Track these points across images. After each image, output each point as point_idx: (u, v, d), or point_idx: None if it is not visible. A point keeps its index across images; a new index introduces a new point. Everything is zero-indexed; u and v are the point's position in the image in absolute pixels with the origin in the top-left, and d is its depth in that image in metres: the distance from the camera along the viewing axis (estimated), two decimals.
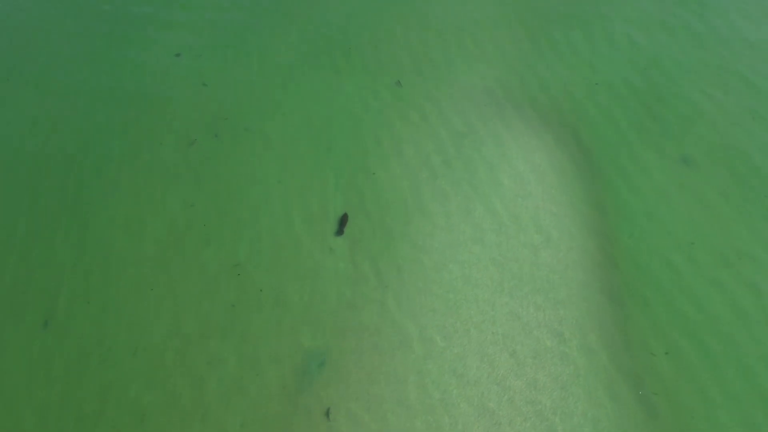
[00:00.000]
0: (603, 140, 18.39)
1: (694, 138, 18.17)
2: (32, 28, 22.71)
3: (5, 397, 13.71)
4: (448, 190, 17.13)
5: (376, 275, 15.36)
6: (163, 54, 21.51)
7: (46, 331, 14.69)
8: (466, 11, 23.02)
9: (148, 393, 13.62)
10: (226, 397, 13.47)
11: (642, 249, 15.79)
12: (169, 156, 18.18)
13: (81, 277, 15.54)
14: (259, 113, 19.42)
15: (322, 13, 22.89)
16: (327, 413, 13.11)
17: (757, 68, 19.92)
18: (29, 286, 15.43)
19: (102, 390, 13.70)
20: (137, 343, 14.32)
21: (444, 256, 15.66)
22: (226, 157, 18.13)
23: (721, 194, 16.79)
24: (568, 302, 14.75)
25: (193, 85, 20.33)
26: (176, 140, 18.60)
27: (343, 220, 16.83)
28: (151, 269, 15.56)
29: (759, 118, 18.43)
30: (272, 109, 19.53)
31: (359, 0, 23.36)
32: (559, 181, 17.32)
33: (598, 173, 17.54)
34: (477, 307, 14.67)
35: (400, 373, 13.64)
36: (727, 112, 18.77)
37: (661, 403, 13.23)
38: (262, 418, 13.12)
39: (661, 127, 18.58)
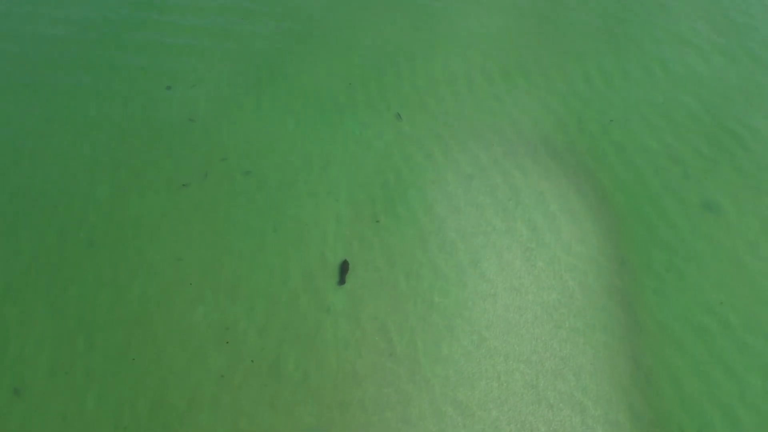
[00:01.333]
0: (622, 184, 17.23)
1: (718, 182, 17.03)
2: (12, 54, 21.42)
3: None
4: (457, 241, 15.92)
5: (382, 338, 14.11)
6: (153, 86, 20.24)
7: (19, 401, 13.36)
8: (475, 43, 21.87)
9: None
10: None
11: (667, 308, 14.60)
12: (157, 201, 16.90)
13: (60, 342, 14.22)
14: (253, 153, 18.18)
15: (320, 44, 21.69)
16: None
17: None
18: (1, 350, 14.10)
19: None
20: (120, 416, 13.00)
21: (456, 315, 14.43)
22: (218, 202, 16.86)
23: (750, 246, 15.63)
24: (591, 370, 13.53)
25: (184, 120, 19.07)
26: (166, 182, 17.32)
27: (343, 268, 15.63)
28: (136, 333, 14.25)
29: None
30: (268, 149, 18.28)
31: (360, 32, 22.17)
32: (577, 231, 16.13)
33: (618, 220, 16.37)
34: (495, 376, 13.42)
35: None
36: (755, 153, 17.65)
37: None
38: None
39: (682, 169, 17.45)
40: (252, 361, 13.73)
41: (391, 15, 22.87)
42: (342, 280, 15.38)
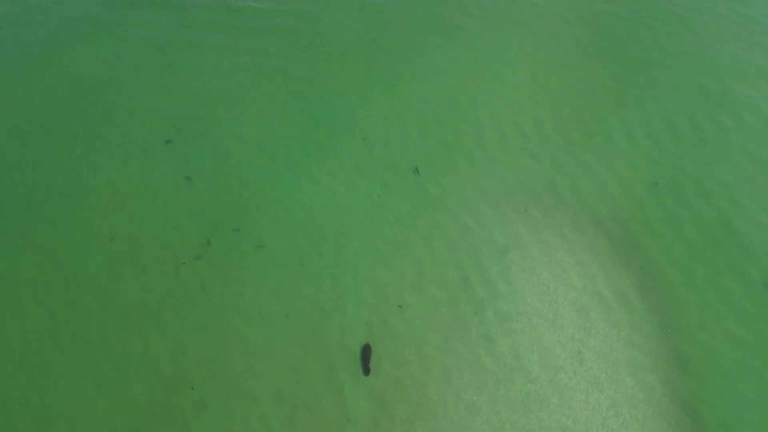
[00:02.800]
0: (674, 258, 15.44)
1: None
2: None
3: None
4: (493, 330, 14.08)
5: None
6: (151, 140, 18.45)
7: None
8: (501, 89, 20.14)
9: None
10: None
11: (736, 410, 12.75)
12: (155, 281, 15.05)
13: None
14: (262, 221, 16.37)
15: (329, 95, 19.94)
16: None
17: None
18: None
19: None
20: None
21: (505, 422, 12.56)
22: (222, 283, 15.03)
23: None
24: None
25: (185, 181, 17.27)
26: (163, 258, 15.48)
27: (366, 354, 13.82)
28: None
29: None
30: (278, 216, 16.47)
31: (373, 78, 20.44)
32: (629, 316, 14.33)
33: (674, 302, 14.56)
34: None
35: None
36: None
37: None
38: None
39: (738, 240, 15.66)
40: None
41: (411, 61, 21.19)
42: (366, 370, 13.59)
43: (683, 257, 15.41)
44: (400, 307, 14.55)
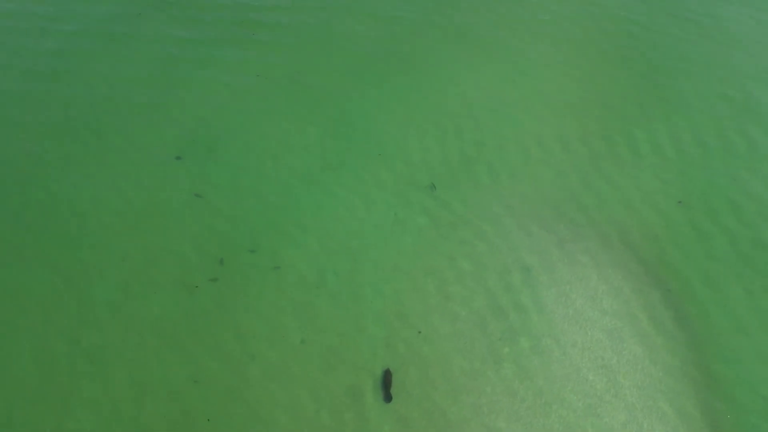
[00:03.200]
0: (707, 277, 14.75)
1: None
2: (11, 125, 19.19)
3: None
4: (523, 356, 13.42)
5: None
6: (161, 156, 17.93)
7: None
8: (522, 100, 19.55)
9: None
10: None
11: None
12: (170, 303, 14.47)
13: None
14: (277, 240, 15.79)
15: (344, 108, 19.40)
16: None
17: None
18: None
19: None
20: None
21: None
22: (238, 306, 14.44)
23: None
24: None
25: (195, 199, 16.72)
26: (178, 279, 14.91)
27: (386, 381, 13.17)
28: None
29: None
30: (292, 236, 15.89)
31: (388, 89, 19.88)
32: (664, 340, 13.64)
33: (708, 325, 13.88)
34: None
35: None
36: None
37: None
38: None
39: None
40: None
41: (427, 71, 20.64)
42: (387, 396, 12.95)
43: (715, 277, 14.75)
44: (419, 332, 13.92)
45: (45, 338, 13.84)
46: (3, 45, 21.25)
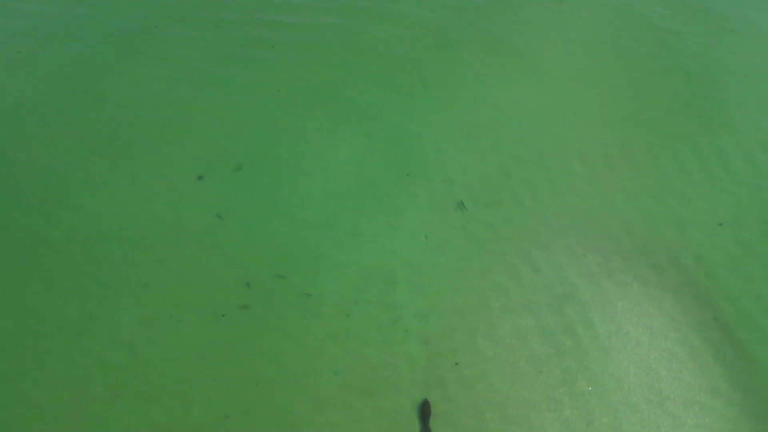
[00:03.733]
0: (744, 310, 14.20)
1: None
2: (39, 129, 18.81)
3: None
4: (559, 388, 12.96)
5: None
6: (182, 175, 17.49)
7: None
8: (560, 113, 18.90)
9: None
10: None
11: None
12: (193, 334, 14.11)
13: None
14: (303, 266, 15.35)
15: (370, 122, 18.83)
16: None
17: None
18: None
19: None
20: None
21: None
22: (265, 337, 14.05)
23: None
24: None
25: (218, 221, 16.29)
26: (201, 308, 14.54)
27: (425, 412, 12.80)
28: None
29: None
30: (319, 261, 15.45)
31: (417, 101, 19.29)
32: (702, 375, 13.12)
33: (750, 362, 13.34)
34: None
35: None
36: None
37: None
38: None
39: None
40: None
41: (458, 82, 20.02)
42: (426, 430, 12.58)
43: (754, 308, 14.18)
44: (456, 364, 13.47)
45: (61, 374, 13.52)
46: (22, 59, 20.83)
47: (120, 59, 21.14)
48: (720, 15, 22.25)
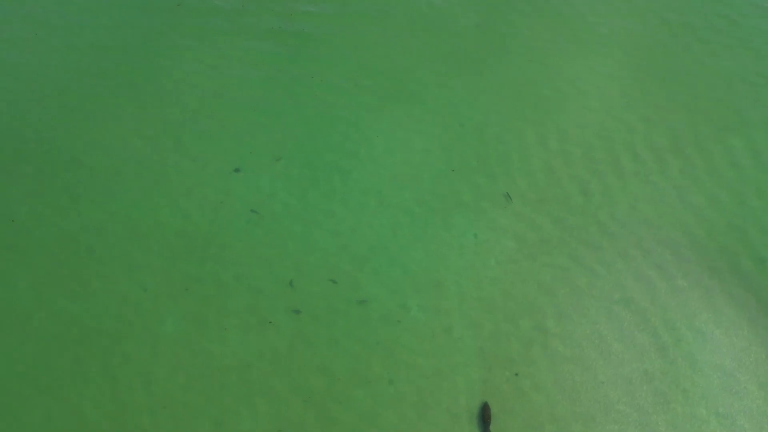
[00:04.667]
0: None
1: None
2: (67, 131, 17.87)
3: None
4: (621, 401, 12.49)
5: None
6: (218, 169, 16.66)
7: None
8: (608, 107, 18.01)
9: None
10: None
11: None
12: (239, 341, 13.54)
13: None
14: (349, 268, 14.70)
15: (409, 113, 17.91)
16: None
17: None
18: None
19: None
20: None
21: None
22: (317, 344, 13.50)
23: None
24: None
25: (261, 217, 15.56)
26: (247, 311, 13.94)
27: (485, 417, 12.36)
28: None
29: None
30: (367, 262, 14.80)
31: (457, 91, 18.34)
32: None
33: None
34: None
35: None
36: None
37: None
38: None
39: None
40: None
41: (499, 72, 19.04)
42: None
43: None
44: (516, 375, 12.96)
45: (118, 375, 12.97)
46: (43, 41, 19.67)
47: (143, 42, 20.02)
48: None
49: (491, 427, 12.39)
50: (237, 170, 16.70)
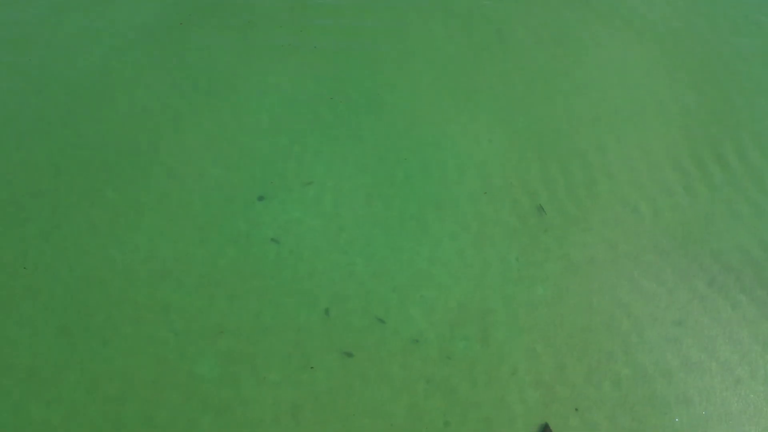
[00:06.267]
0: None
1: None
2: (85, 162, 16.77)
3: None
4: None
5: None
6: (241, 197, 15.77)
7: None
8: (641, 113, 17.49)
9: None
10: None
11: None
12: (278, 388, 12.73)
13: None
14: (393, 305, 13.95)
15: (432, 131, 17.19)
16: None
17: None
18: None
19: None
20: None
21: None
22: (366, 389, 12.75)
23: None
24: None
25: (285, 252, 14.71)
26: (289, 355, 13.13)
27: None
28: None
29: None
30: (410, 296, 14.06)
31: (482, 107, 17.67)
32: None
33: None
34: None
35: None
36: None
37: None
38: None
39: None
40: None
41: (526, 83, 18.40)
42: None
43: None
44: (576, 410, 12.35)
45: (156, 418, 12.07)
46: (41, 64, 18.49)
47: (148, 62, 18.94)
48: None
49: None
50: (261, 198, 15.81)
